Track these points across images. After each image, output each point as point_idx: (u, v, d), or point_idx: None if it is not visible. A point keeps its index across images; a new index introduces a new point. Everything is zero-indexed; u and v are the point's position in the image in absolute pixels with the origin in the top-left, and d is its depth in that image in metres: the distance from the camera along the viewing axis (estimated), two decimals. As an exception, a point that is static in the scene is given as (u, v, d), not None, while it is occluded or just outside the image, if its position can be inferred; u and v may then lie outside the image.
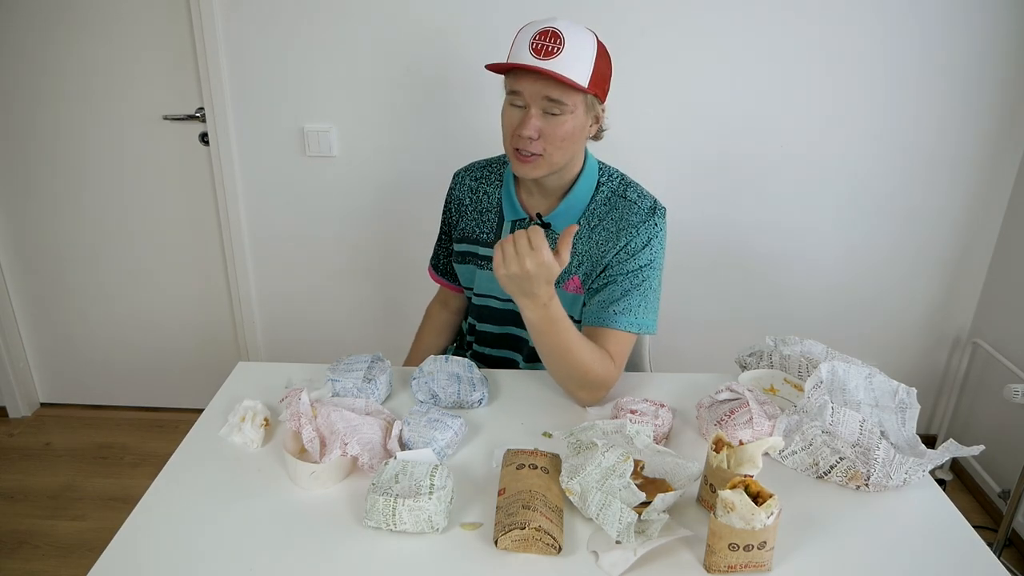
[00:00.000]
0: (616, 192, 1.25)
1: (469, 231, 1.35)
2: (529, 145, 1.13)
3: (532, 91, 1.11)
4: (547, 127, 1.12)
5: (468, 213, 1.35)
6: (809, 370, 1.18)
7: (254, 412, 1.08)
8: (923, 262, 2.12)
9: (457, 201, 1.37)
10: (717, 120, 1.97)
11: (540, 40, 1.09)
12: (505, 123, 1.17)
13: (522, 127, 1.12)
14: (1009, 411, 2.00)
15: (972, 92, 1.91)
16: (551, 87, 1.10)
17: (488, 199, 1.33)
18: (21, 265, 2.32)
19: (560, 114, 1.12)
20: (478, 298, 1.37)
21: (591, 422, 1.02)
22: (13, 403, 2.44)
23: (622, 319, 1.20)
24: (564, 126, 1.13)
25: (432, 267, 1.50)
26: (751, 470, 0.89)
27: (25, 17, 2.00)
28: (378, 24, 1.92)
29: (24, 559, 1.86)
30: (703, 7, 1.86)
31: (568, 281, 1.27)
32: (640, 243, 1.21)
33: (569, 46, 1.08)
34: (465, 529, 0.91)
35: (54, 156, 2.16)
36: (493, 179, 1.34)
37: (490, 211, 1.32)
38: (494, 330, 1.40)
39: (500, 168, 1.34)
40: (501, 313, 1.37)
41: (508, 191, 1.29)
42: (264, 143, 2.07)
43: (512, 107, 1.15)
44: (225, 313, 2.35)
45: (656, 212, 1.23)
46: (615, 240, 1.22)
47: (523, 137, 1.12)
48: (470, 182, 1.36)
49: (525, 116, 1.12)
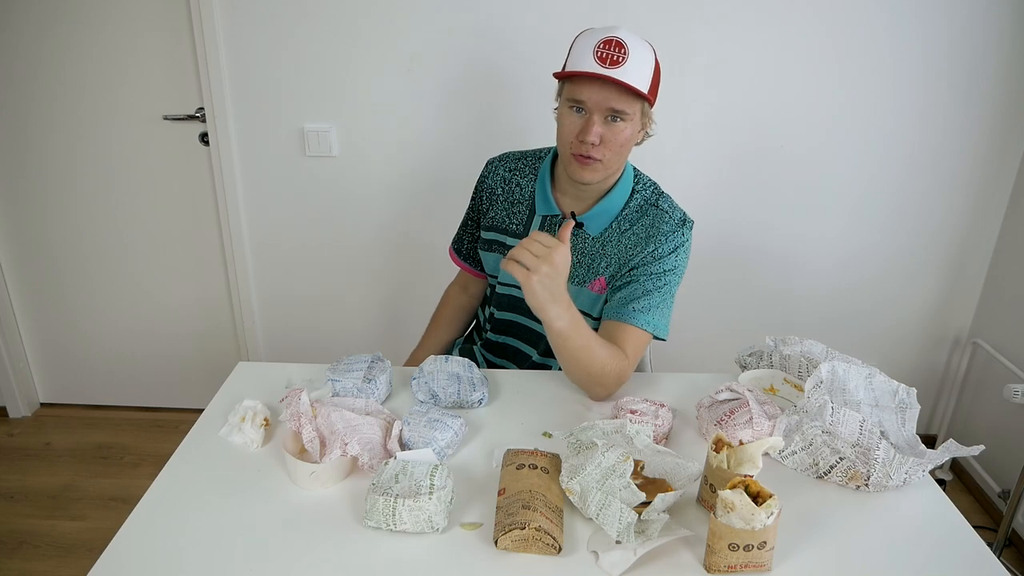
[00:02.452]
0: (649, 200, 1.29)
1: (499, 220, 1.36)
2: (591, 151, 1.15)
3: (597, 100, 1.13)
4: (608, 133, 1.16)
5: (499, 202, 1.36)
6: (809, 370, 1.18)
7: (254, 412, 1.08)
8: (923, 262, 2.12)
9: (489, 189, 1.38)
10: (717, 121, 1.97)
11: (605, 49, 1.11)
12: (566, 128, 1.18)
13: (585, 133, 1.15)
14: (1009, 411, 2.00)
15: (973, 93, 1.91)
16: (615, 98, 1.13)
17: (521, 191, 1.34)
18: (21, 265, 2.32)
19: (622, 121, 1.16)
20: (502, 287, 1.39)
21: (591, 422, 1.02)
22: (13, 403, 2.44)
23: (641, 317, 1.22)
24: (624, 133, 1.16)
25: (455, 250, 1.51)
26: (751, 470, 0.89)
27: (24, 17, 1.99)
28: (378, 24, 1.92)
29: (24, 559, 1.86)
30: (705, 11, 1.86)
31: (594, 281, 1.29)
32: (667, 249, 1.25)
33: (632, 57, 1.12)
34: (465, 529, 0.91)
35: (54, 156, 2.16)
36: (528, 172, 1.34)
37: (522, 203, 1.34)
38: (515, 319, 1.40)
39: (536, 162, 1.35)
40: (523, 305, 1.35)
41: (543, 186, 1.30)
42: (264, 143, 2.07)
43: (571, 112, 1.17)
44: (225, 313, 2.35)
45: (685, 224, 1.27)
46: (644, 245, 1.25)
47: (586, 143, 1.15)
48: (504, 172, 1.36)
49: (587, 123, 1.15)
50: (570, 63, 1.16)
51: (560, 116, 1.20)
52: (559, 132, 1.21)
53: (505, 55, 1.94)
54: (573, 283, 1.30)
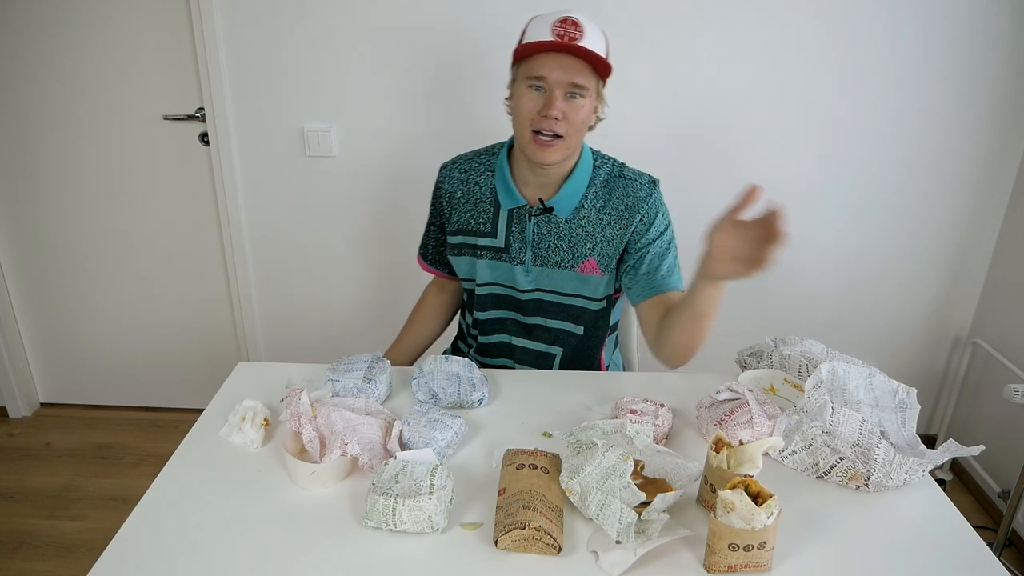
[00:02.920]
0: (612, 173, 1.30)
1: (464, 223, 1.36)
2: (554, 126, 1.16)
3: (557, 75, 1.14)
4: (568, 110, 1.16)
5: (460, 205, 1.36)
6: (809, 370, 1.18)
7: (254, 412, 1.08)
8: (923, 262, 2.12)
9: (448, 194, 1.37)
10: (717, 120, 1.97)
11: (562, 27, 1.14)
12: (524, 108, 1.18)
13: (548, 108, 1.15)
14: (1009, 411, 2.00)
15: (972, 92, 1.91)
16: (576, 72, 1.15)
17: (480, 190, 1.34)
18: (21, 265, 2.32)
19: (581, 97, 1.17)
20: (481, 288, 1.38)
21: (591, 422, 1.02)
22: (13, 403, 2.44)
23: (672, 279, 1.28)
24: (584, 110, 1.18)
25: (421, 256, 1.51)
26: (751, 470, 0.89)
27: (24, 17, 2.00)
28: (378, 24, 1.92)
29: (24, 559, 1.87)
30: (701, 7, 1.86)
31: (583, 264, 1.30)
32: (653, 214, 1.28)
33: (588, 34, 1.15)
34: (465, 529, 0.91)
35: (54, 156, 2.16)
36: (483, 170, 1.34)
37: (484, 201, 1.33)
38: (500, 315, 1.40)
39: (490, 158, 1.35)
40: (507, 299, 1.38)
41: (504, 180, 1.30)
42: (264, 143, 2.07)
43: (531, 91, 1.17)
44: (225, 313, 2.35)
45: (656, 184, 1.30)
46: (628, 218, 1.27)
47: (548, 118, 1.15)
48: (459, 174, 1.36)
49: (549, 98, 1.16)
50: (527, 40, 1.17)
51: (517, 97, 1.20)
52: (517, 114, 1.20)
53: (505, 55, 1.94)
54: (560, 268, 1.31)
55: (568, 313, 1.36)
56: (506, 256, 1.33)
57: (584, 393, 1.22)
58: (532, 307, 1.37)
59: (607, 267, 1.30)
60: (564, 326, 1.37)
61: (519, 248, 1.31)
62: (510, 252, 1.32)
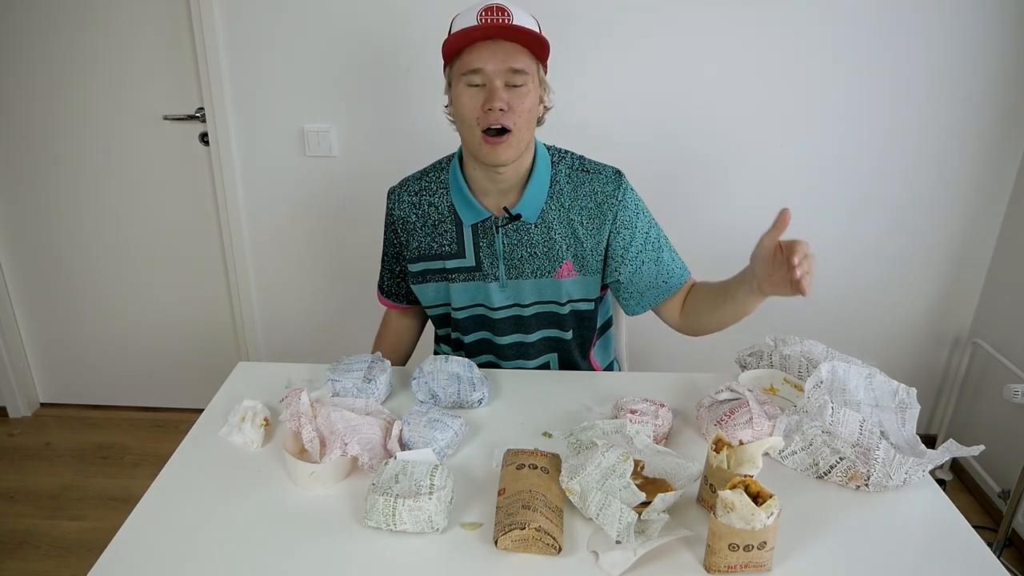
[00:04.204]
0: (573, 167, 1.25)
1: (425, 248, 1.28)
2: (501, 117, 1.10)
3: (493, 64, 1.09)
4: (512, 99, 1.10)
5: (417, 230, 1.29)
6: (809, 370, 1.18)
7: (254, 412, 1.08)
8: (923, 262, 2.12)
9: (401, 220, 1.30)
10: (717, 119, 1.98)
11: (487, 15, 1.09)
12: (466, 108, 1.12)
13: (490, 101, 1.09)
14: (1009, 411, 2.00)
15: (972, 92, 1.91)
16: (511, 55, 1.09)
17: (437, 211, 1.27)
18: (21, 265, 2.32)
19: (522, 85, 1.11)
20: (461, 311, 1.32)
21: (591, 422, 1.02)
22: (13, 403, 2.45)
23: (677, 274, 1.28)
24: (528, 97, 1.12)
25: (379, 289, 1.44)
26: (751, 470, 0.89)
27: (24, 17, 2.00)
28: (378, 24, 1.92)
29: (24, 559, 1.87)
30: (702, 6, 1.86)
31: (560, 268, 1.25)
32: (632, 213, 1.25)
33: (516, 18, 1.10)
34: (465, 529, 0.90)
35: (54, 156, 2.16)
36: (435, 189, 1.27)
37: (443, 222, 1.26)
38: (485, 336, 1.35)
39: (440, 175, 1.27)
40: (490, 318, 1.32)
41: (461, 195, 1.23)
42: (264, 143, 2.07)
43: (470, 89, 1.11)
44: (225, 313, 2.35)
45: (621, 175, 1.25)
46: (600, 217, 1.23)
47: (494, 110, 1.09)
48: (409, 197, 1.29)
49: (490, 90, 1.10)
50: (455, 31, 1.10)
51: (457, 98, 1.13)
52: (460, 116, 1.14)
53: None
54: (536, 277, 1.25)
55: (550, 320, 1.32)
56: (479, 274, 1.27)
57: (584, 393, 1.22)
58: (506, 325, 1.31)
59: (585, 268, 1.26)
60: (546, 334, 1.33)
61: (490, 264, 1.25)
62: (482, 269, 1.26)
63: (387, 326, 1.48)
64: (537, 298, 1.29)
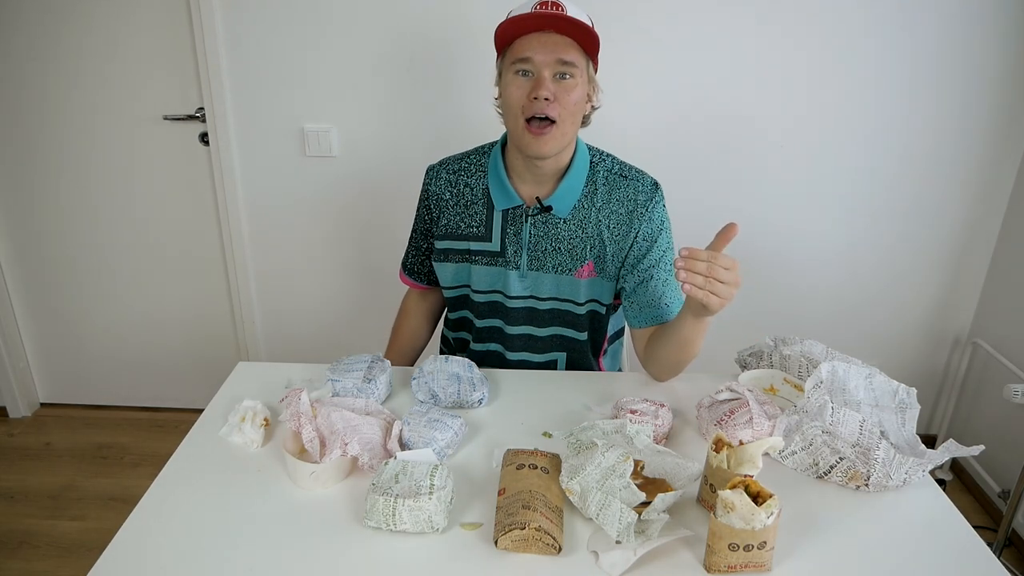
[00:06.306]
0: (612, 171, 1.25)
1: (453, 226, 1.30)
2: (546, 107, 1.11)
3: (543, 55, 1.10)
4: (559, 91, 1.12)
5: (449, 208, 1.30)
6: (809, 370, 1.18)
7: (254, 412, 1.08)
8: (923, 262, 2.12)
9: (436, 196, 1.32)
10: (716, 117, 1.98)
11: (542, 7, 1.10)
12: (513, 96, 1.13)
13: (537, 90, 1.10)
14: (1009, 411, 2.00)
15: (972, 91, 1.91)
16: (561, 48, 1.10)
17: (472, 192, 1.28)
18: (21, 265, 2.32)
19: (571, 77, 1.12)
20: (480, 295, 1.33)
21: (591, 422, 1.02)
22: (13, 403, 2.45)
23: (675, 307, 1.25)
24: (575, 91, 1.13)
25: (402, 268, 1.46)
26: (751, 470, 0.89)
27: (24, 17, 2.00)
28: (379, 23, 1.92)
29: (24, 559, 1.87)
30: (705, 10, 1.86)
31: (582, 268, 1.26)
32: (656, 228, 1.24)
33: (570, 12, 1.11)
34: (465, 529, 0.90)
35: (54, 156, 2.16)
36: (474, 171, 1.29)
37: (476, 203, 1.28)
38: (496, 324, 1.36)
39: (481, 159, 1.29)
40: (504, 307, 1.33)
41: (499, 179, 1.25)
42: (264, 143, 2.07)
43: (518, 78, 1.13)
44: (225, 313, 2.35)
45: (658, 188, 1.25)
46: (627, 224, 1.23)
47: (539, 100, 1.10)
48: (447, 176, 1.31)
49: (537, 80, 1.11)
50: (510, 23, 1.12)
51: (505, 87, 1.15)
52: (507, 104, 1.15)
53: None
54: (557, 273, 1.26)
55: (565, 319, 1.32)
56: (501, 260, 1.28)
57: (584, 393, 1.22)
58: (518, 316, 1.32)
59: (604, 272, 1.26)
60: (558, 331, 1.33)
61: (515, 251, 1.27)
62: (505, 256, 1.27)
63: (405, 312, 1.51)
64: (555, 294, 1.29)
